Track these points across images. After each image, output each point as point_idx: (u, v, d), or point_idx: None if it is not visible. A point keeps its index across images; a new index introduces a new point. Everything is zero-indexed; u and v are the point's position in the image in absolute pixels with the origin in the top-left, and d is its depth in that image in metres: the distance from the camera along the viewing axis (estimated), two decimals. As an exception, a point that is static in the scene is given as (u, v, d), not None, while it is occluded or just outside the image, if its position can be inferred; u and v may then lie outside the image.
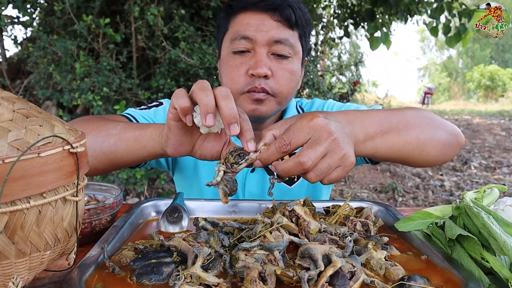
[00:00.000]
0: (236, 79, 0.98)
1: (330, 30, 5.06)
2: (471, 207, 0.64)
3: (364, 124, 0.73)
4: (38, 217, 0.47)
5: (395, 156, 0.81)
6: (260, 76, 0.95)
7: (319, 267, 0.54)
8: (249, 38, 0.96)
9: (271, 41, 0.97)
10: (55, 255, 0.53)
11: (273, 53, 0.98)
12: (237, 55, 0.99)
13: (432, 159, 0.87)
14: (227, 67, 1.00)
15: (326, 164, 0.62)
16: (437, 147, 0.86)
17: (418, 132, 0.82)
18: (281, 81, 0.98)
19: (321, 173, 0.63)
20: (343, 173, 0.65)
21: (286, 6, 0.97)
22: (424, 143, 0.83)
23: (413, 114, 0.85)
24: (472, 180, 4.85)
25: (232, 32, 1.00)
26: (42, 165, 0.46)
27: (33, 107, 0.51)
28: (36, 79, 3.12)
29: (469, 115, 11.44)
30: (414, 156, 0.83)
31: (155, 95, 2.97)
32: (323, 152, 0.62)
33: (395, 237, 0.75)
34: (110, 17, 2.81)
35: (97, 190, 0.91)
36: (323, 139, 0.62)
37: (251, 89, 0.96)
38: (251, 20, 0.97)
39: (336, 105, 1.18)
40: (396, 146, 0.78)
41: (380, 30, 4.08)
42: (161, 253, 0.62)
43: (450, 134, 0.89)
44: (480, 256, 0.59)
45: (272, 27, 0.97)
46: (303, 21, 1.00)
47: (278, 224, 0.63)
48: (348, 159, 0.64)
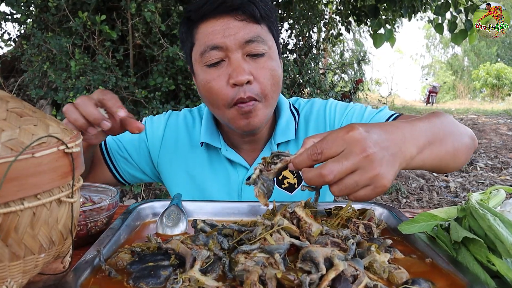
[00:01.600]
0: (220, 94, 0.94)
1: (332, 27, 5.06)
2: (477, 209, 0.64)
3: (415, 136, 0.68)
4: (32, 219, 0.47)
5: (436, 166, 0.77)
6: (243, 84, 0.92)
7: (321, 270, 0.54)
8: (219, 46, 0.93)
9: (242, 43, 0.93)
10: (50, 258, 0.53)
11: (248, 54, 0.94)
12: (212, 68, 0.95)
13: (459, 166, 0.86)
14: (206, 84, 0.96)
15: (352, 181, 0.59)
16: (465, 152, 0.85)
17: (453, 140, 0.80)
18: (264, 82, 0.95)
19: (345, 188, 0.60)
20: (372, 193, 0.61)
21: (246, 2, 0.94)
22: (458, 150, 0.81)
23: (445, 121, 0.81)
24: (478, 181, 4.85)
25: (200, 45, 0.96)
26: (36, 165, 0.46)
27: (27, 106, 0.51)
28: (30, 77, 3.12)
29: (475, 114, 11.44)
30: (450, 164, 0.81)
31: (152, 94, 2.97)
32: (350, 168, 0.59)
33: (398, 239, 0.74)
34: (106, 13, 2.81)
35: (93, 191, 0.91)
36: (355, 154, 0.59)
37: (239, 100, 0.93)
38: (215, 27, 0.93)
39: (339, 106, 1.13)
40: (439, 156, 0.74)
41: (384, 27, 4.08)
42: (159, 256, 0.62)
43: (470, 138, 0.89)
44: (486, 259, 0.59)
45: (239, 28, 0.93)
46: (267, 11, 0.97)
47: (279, 226, 0.63)
48: (380, 180, 0.59)
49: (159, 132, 1.15)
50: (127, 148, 1.14)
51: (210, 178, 1.11)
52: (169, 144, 1.14)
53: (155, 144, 1.15)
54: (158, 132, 1.15)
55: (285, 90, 3.71)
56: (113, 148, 1.14)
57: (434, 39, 29.75)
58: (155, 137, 1.15)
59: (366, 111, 1.09)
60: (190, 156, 1.13)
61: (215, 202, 0.90)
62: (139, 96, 2.92)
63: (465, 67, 25.72)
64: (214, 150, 1.11)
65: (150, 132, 1.15)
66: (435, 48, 30.47)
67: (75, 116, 0.76)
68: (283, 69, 3.85)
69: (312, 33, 4.74)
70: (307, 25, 4.33)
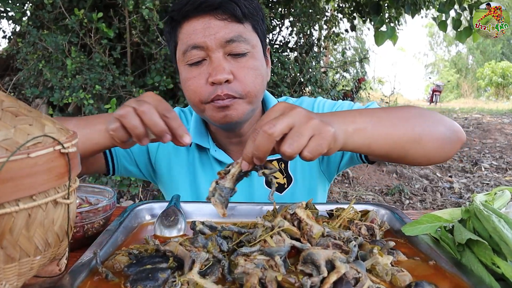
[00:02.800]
0: (198, 91, 0.96)
1: (334, 24, 5.06)
2: (481, 210, 0.64)
3: (352, 116, 0.75)
4: (27, 221, 0.47)
5: (392, 148, 0.80)
6: (221, 82, 0.94)
7: (322, 273, 0.54)
8: (200, 46, 0.94)
9: (223, 42, 0.94)
10: (46, 260, 0.53)
11: (229, 54, 0.96)
12: (193, 67, 0.97)
13: (431, 154, 0.87)
14: (187, 81, 0.98)
15: (295, 132, 0.63)
16: (434, 140, 0.86)
17: (414, 125, 0.83)
18: (245, 81, 0.96)
19: (293, 141, 0.62)
20: (322, 141, 0.64)
21: (227, 2, 0.95)
22: (421, 135, 0.83)
23: (408, 109, 0.87)
24: (482, 182, 4.85)
25: (182, 44, 0.98)
26: (32, 166, 0.46)
27: (23, 106, 0.51)
28: (25, 76, 3.12)
29: (480, 113, 11.44)
30: (411, 149, 0.83)
31: (150, 93, 2.97)
32: (289, 122, 0.63)
33: (401, 241, 0.75)
34: (103, 11, 2.81)
35: (90, 192, 0.91)
36: (291, 113, 0.64)
37: (215, 98, 0.95)
38: (196, 26, 0.95)
39: (327, 103, 1.15)
40: (391, 137, 0.79)
41: (386, 24, 4.07)
42: (157, 259, 0.62)
43: (449, 129, 0.90)
44: (491, 261, 0.59)
45: (220, 27, 0.94)
46: (251, 9, 0.98)
47: (279, 228, 0.63)
48: (322, 127, 0.64)
49: None
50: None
51: (202, 178, 1.12)
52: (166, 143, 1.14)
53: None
54: None
55: (286, 89, 3.70)
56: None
57: (437, 37, 29.76)
58: None
59: (353, 107, 1.10)
60: (185, 155, 1.14)
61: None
62: (137, 95, 2.92)
63: (469, 65, 25.72)
64: (203, 151, 1.13)
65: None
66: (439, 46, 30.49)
67: (135, 123, 0.69)
68: (284, 67, 3.85)
69: (313, 31, 4.75)
70: (308, 22, 4.32)
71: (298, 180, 1.11)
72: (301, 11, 4.12)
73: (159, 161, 1.16)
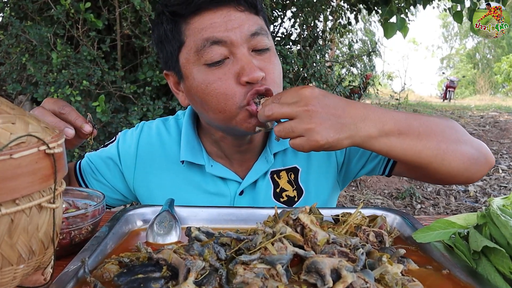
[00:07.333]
0: (231, 93, 0.89)
1: (340, 16, 5.06)
2: (499, 215, 0.64)
3: (382, 120, 0.80)
4: (10, 227, 0.47)
5: (412, 159, 0.85)
6: (258, 81, 0.88)
7: (327, 283, 0.54)
8: (222, 41, 0.88)
9: (248, 36, 0.90)
10: (30, 269, 0.53)
11: (253, 50, 0.92)
12: (214, 68, 0.89)
13: (454, 172, 0.89)
14: (211, 84, 0.90)
15: (289, 125, 0.76)
16: (459, 159, 0.88)
17: (440, 140, 0.86)
18: (274, 78, 0.93)
19: (283, 129, 0.76)
20: (305, 145, 0.75)
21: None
22: (445, 152, 0.86)
23: (438, 121, 0.89)
24: (499, 185, 4.86)
25: (195, 41, 0.90)
26: (14, 167, 0.46)
27: (5, 103, 0.52)
28: (7, 70, 3.12)
29: (496, 111, 11.44)
30: (433, 163, 0.86)
31: (142, 89, 2.97)
32: (288, 113, 0.76)
33: (413, 249, 0.75)
34: (91, 1, 2.81)
35: (77, 196, 0.91)
36: (298, 105, 0.75)
37: (256, 92, 0.88)
38: (214, 19, 0.89)
39: None
40: (413, 149, 0.83)
41: (396, 15, 4.07)
42: (149, 267, 0.62)
43: (476, 150, 0.92)
44: (509, 270, 0.59)
45: (242, 20, 0.90)
46: (260, 1, 0.96)
47: (281, 234, 0.63)
48: (314, 135, 0.74)
49: (131, 151, 1.13)
50: (99, 169, 1.14)
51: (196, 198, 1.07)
52: (145, 163, 1.12)
53: (128, 163, 1.13)
54: (131, 151, 1.13)
55: (288, 84, 3.71)
56: (87, 172, 1.15)
57: (452, 29, 29.77)
58: (128, 156, 1.13)
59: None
60: (168, 175, 1.10)
61: (211, 208, 0.90)
62: (128, 92, 2.92)
63: (486, 60, 25.71)
64: (197, 168, 1.08)
65: (123, 150, 1.14)
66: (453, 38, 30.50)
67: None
68: (286, 61, 3.85)
69: (317, 23, 4.75)
70: (312, 13, 4.32)
71: (311, 192, 1.09)
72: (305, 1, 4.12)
73: (137, 187, 1.14)
